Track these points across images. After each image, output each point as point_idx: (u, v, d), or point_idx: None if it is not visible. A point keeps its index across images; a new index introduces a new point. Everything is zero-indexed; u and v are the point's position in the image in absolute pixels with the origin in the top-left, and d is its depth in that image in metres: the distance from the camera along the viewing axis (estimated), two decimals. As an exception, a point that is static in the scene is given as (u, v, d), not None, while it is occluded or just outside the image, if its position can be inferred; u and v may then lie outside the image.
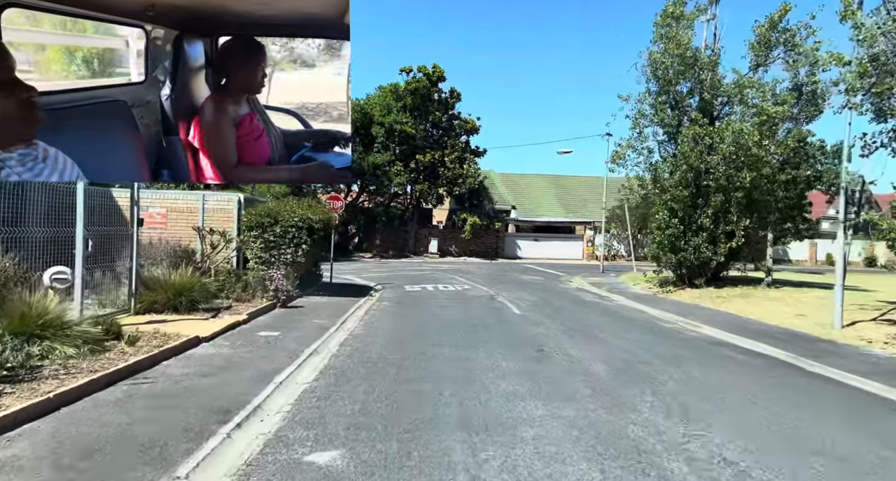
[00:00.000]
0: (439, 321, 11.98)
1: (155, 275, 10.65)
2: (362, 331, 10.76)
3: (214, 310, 11.08)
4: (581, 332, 10.86)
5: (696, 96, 17.70)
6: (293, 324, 10.94)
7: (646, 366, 7.99)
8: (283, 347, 8.80)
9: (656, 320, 13.20)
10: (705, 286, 17.93)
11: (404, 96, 37.38)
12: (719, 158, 16.58)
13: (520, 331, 10.93)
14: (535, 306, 14.92)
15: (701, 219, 17.38)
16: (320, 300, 14.85)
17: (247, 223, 15.10)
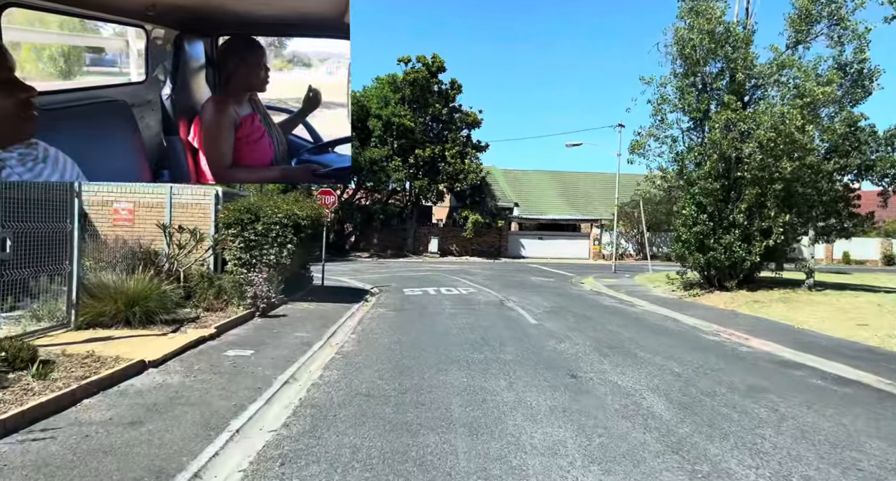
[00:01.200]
0: (444, 333, 10.20)
1: (104, 281, 8.85)
2: (353, 347, 8.98)
3: (177, 323, 9.29)
4: (614, 349, 9.08)
5: (727, 78, 15.89)
6: (271, 339, 9.15)
7: (716, 401, 6.20)
8: (253, 372, 7.01)
9: (695, 330, 11.42)
10: (736, 289, 16.16)
11: (402, 88, 35.56)
12: (755, 146, 14.80)
13: (542, 347, 9.14)
14: (553, 313, 13.14)
15: (733, 215, 15.60)
16: (308, 307, 13.06)
17: (224, 220, 13.31)
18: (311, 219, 14.40)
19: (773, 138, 14.39)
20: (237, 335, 9.40)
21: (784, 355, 9.01)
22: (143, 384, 6.25)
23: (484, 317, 12.42)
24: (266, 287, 11.68)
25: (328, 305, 13.47)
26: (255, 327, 10.26)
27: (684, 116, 17.11)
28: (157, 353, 7.23)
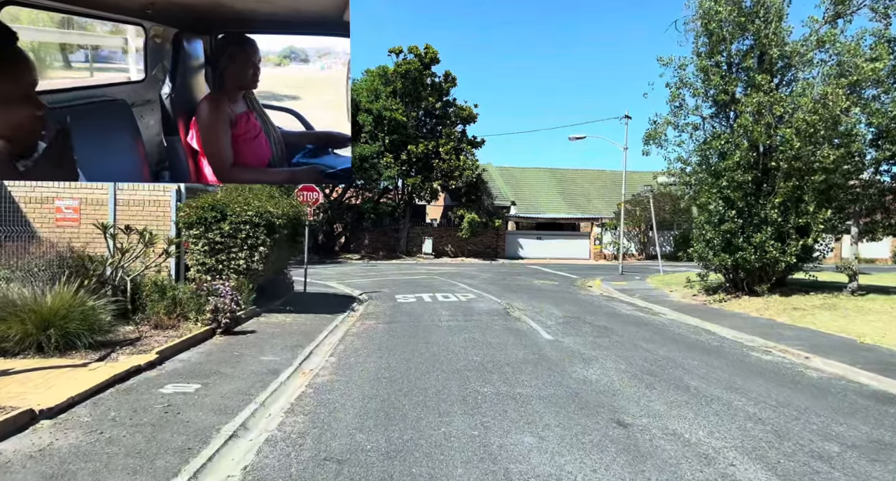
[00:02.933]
0: (443, 355, 8.37)
1: (10, 297, 6.96)
2: (331, 375, 7.15)
3: (108, 347, 7.41)
4: (657, 376, 7.28)
5: (756, 56, 14.12)
6: (228, 366, 7.30)
7: (839, 470, 4.40)
8: (189, 421, 5.17)
9: (739, 346, 9.64)
10: (768, 293, 14.39)
11: (394, 80, 33.68)
12: (792, 133, 13.05)
13: (566, 373, 7.33)
14: (567, 325, 11.33)
15: (765, 210, 13.84)
16: (283, 320, 11.20)
17: (184, 219, 11.43)
18: (288, 217, 12.55)
19: (813, 122, 12.63)
20: (185, 361, 7.52)
21: (870, 383, 7.21)
22: (14, 451, 4.38)
23: (489, 330, 10.60)
24: (231, 298, 9.81)
25: (307, 317, 11.62)
26: (213, 349, 8.39)
27: (706, 101, 15.34)
28: (59, 396, 5.37)
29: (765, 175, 14.13)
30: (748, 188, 14.07)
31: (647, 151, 16.50)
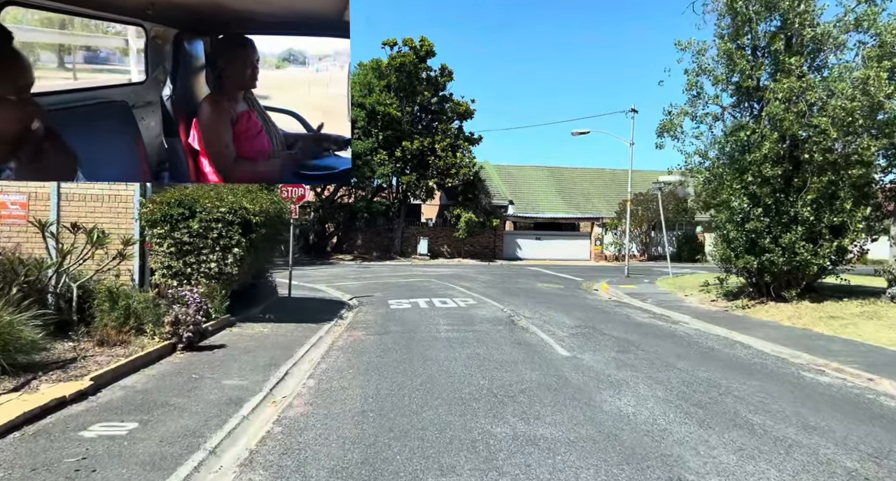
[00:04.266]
0: (443, 380, 7.03)
1: None
2: (305, 407, 5.80)
3: (31, 372, 6.03)
4: (709, 409, 5.95)
5: (784, 39, 12.81)
6: (181, 395, 5.93)
7: None
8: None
9: (784, 364, 8.35)
10: (797, 299, 13.10)
11: (388, 74, 32.31)
12: (828, 121, 11.77)
13: (595, 405, 6.00)
14: (583, 337, 10.01)
15: (796, 208, 12.55)
16: (260, 331, 9.84)
17: (147, 216, 10.05)
18: (267, 214, 11.16)
19: (851, 110, 11.36)
20: (128, 389, 6.14)
21: (969, 416, 5.92)
22: None
23: (494, 344, 9.26)
24: (197, 307, 8.44)
25: (288, 327, 10.26)
26: (168, 370, 7.02)
27: (726, 89, 14.05)
28: (-68, 450, 3.99)
29: (795, 169, 12.84)
30: (776, 183, 12.78)
31: (661, 144, 15.21)
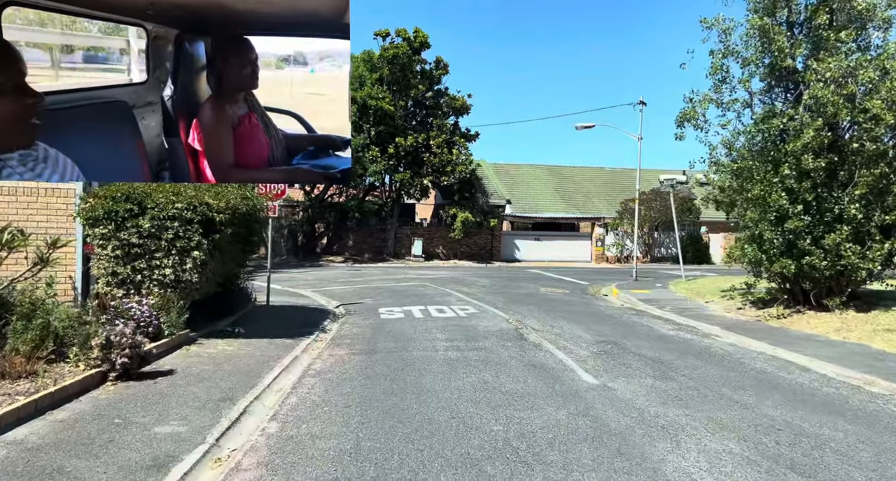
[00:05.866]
0: (445, 423, 5.42)
1: None
2: (258, 470, 4.18)
3: None
4: (811, 475, 4.38)
5: (827, 13, 11.25)
6: (88, 454, 4.29)
7: None
8: None
9: (873, 399, 6.80)
10: (842, 308, 11.57)
11: (380, 66, 30.67)
12: (882, 105, 10.26)
13: (651, 467, 4.43)
14: (608, 357, 8.43)
15: (842, 205, 11.04)
16: (223, 350, 8.22)
17: (87, 213, 8.41)
18: (234, 211, 9.50)
19: (912, 92, 9.85)
20: (13, 446, 4.50)
21: None
22: None
23: (503, 366, 7.68)
24: (139, 324, 6.83)
25: (259, 344, 8.65)
26: (84, 412, 5.38)
27: (756, 73, 12.52)
28: None
29: (840, 161, 11.32)
30: (818, 177, 11.25)
31: (681, 135, 13.66)
